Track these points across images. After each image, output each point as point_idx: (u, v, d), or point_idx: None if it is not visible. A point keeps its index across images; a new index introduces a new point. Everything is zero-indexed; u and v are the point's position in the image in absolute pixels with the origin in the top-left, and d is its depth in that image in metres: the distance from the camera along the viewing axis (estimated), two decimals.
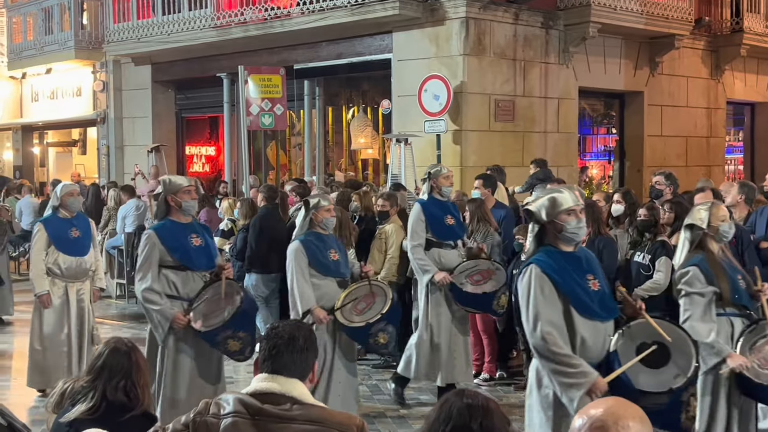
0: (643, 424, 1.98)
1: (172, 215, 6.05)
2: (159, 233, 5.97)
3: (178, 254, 5.93)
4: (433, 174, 7.46)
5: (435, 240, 7.32)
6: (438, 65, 12.28)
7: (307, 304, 6.20)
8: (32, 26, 18.71)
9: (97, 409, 3.61)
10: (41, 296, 7.41)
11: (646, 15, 13.60)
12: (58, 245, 7.47)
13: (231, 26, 14.19)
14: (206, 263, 6.06)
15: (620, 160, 15.30)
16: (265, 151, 16.45)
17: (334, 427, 2.80)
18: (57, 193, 7.70)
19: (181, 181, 6.12)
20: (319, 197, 6.56)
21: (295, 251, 6.31)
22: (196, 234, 6.08)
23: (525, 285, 4.26)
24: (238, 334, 5.78)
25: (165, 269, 5.93)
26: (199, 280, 6.02)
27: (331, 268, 6.36)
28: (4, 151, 22.26)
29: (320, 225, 6.38)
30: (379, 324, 6.19)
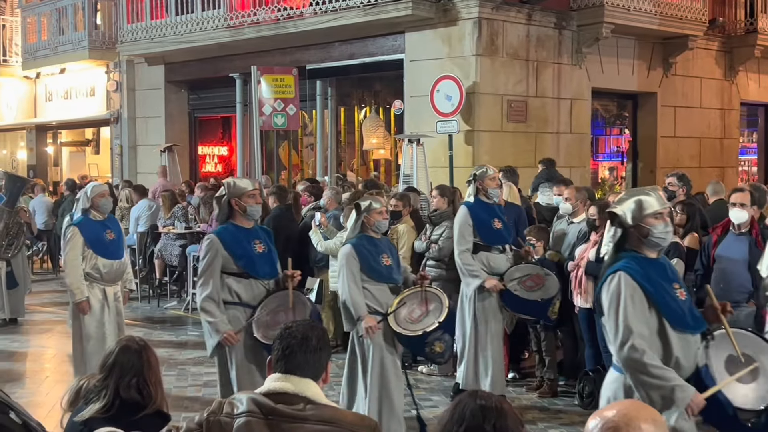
0: (656, 426, 1.98)
1: (235, 219, 5.81)
2: (222, 238, 5.72)
3: (242, 261, 5.70)
4: (479, 175, 7.26)
5: (482, 244, 7.14)
6: (450, 66, 12.27)
7: (357, 311, 6.02)
8: (46, 26, 18.80)
9: (110, 408, 3.62)
10: (80, 303, 7.14)
11: (659, 15, 13.55)
12: (95, 249, 7.20)
13: (244, 26, 14.22)
14: (269, 271, 5.83)
15: (633, 161, 15.25)
16: (278, 151, 16.48)
17: (347, 427, 2.81)
18: (87, 195, 7.38)
19: (246, 184, 5.88)
20: (371, 200, 6.33)
21: (346, 255, 6.09)
22: (259, 240, 5.83)
23: (613, 293, 3.94)
24: None
25: (226, 276, 5.70)
26: (262, 288, 5.79)
27: (384, 274, 6.13)
28: (18, 150, 22.39)
29: (372, 228, 6.18)
30: (435, 332, 5.93)
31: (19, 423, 3.55)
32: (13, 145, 22.83)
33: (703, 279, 6.99)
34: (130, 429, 3.41)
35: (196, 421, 2.88)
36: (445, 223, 8.53)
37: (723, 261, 6.78)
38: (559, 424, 7.01)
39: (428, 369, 8.60)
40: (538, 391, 7.91)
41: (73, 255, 7.16)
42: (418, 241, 8.67)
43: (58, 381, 8.47)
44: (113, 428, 3.28)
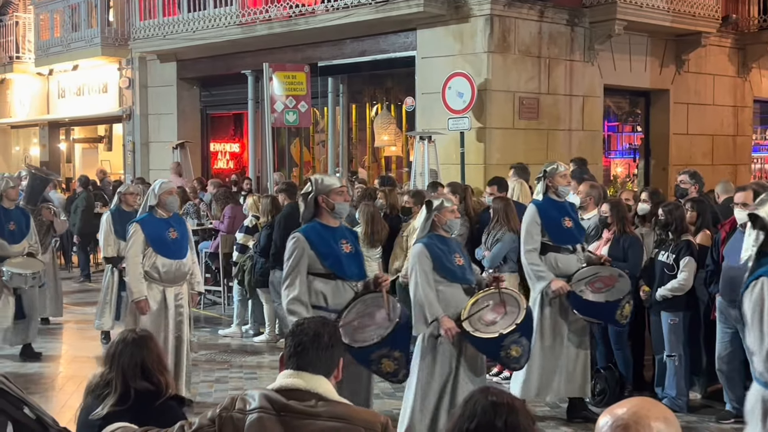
0: (667, 424, 1.97)
1: (322, 218, 5.53)
2: (308, 237, 5.44)
3: (329, 261, 5.43)
4: (549, 172, 6.91)
5: (552, 244, 6.79)
6: (462, 62, 12.25)
7: (433, 313, 5.72)
8: (59, 23, 18.88)
9: (125, 400, 3.62)
10: (139, 302, 6.97)
11: (672, 12, 13.49)
12: (156, 247, 7.03)
13: (256, 23, 14.24)
14: (357, 272, 5.56)
15: (645, 159, 15.19)
16: (289, 148, 16.51)
17: (359, 424, 2.81)
18: (155, 191, 7.16)
19: (334, 181, 5.61)
20: (442, 198, 6.11)
21: (418, 255, 5.83)
22: (346, 240, 5.56)
23: (756, 300, 3.77)
24: (393, 353, 5.27)
25: (312, 277, 5.42)
26: (350, 290, 5.50)
27: (458, 274, 5.86)
28: (32, 146, 22.50)
29: (444, 227, 5.92)
30: (512, 335, 5.62)
31: (33, 418, 3.58)
32: (26, 142, 22.95)
33: (713, 275, 6.98)
34: (150, 417, 3.41)
35: (208, 417, 2.90)
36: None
37: (730, 259, 6.76)
38: (571, 422, 7.00)
39: None
40: None
41: (134, 252, 7.01)
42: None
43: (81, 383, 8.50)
44: (125, 423, 3.30)
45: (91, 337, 10.18)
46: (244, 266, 10.20)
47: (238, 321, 10.51)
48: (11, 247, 8.89)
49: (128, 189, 9.72)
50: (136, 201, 9.46)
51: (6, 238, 8.88)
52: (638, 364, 7.71)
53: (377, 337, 5.20)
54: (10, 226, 8.93)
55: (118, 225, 9.23)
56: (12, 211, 9.04)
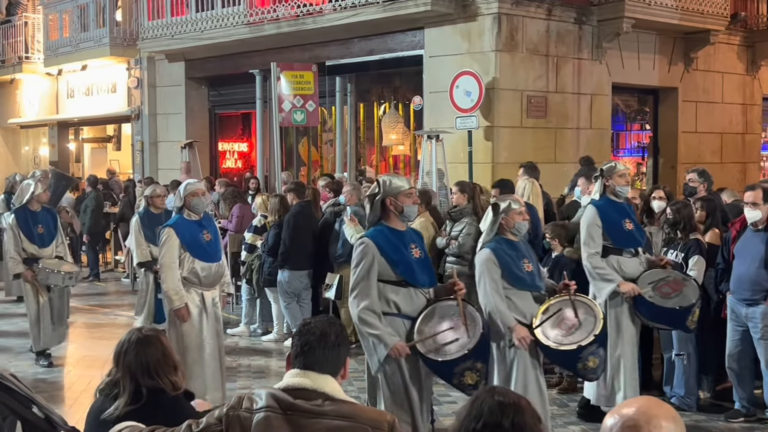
0: (676, 423, 1.97)
1: (389, 221, 5.26)
2: (377, 242, 5.16)
3: (401, 268, 5.15)
4: (607, 171, 6.66)
5: (613, 247, 6.53)
6: (470, 61, 12.24)
7: (506, 322, 5.47)
8: (68, 23, 18.93)
9: (138, 399, 3.62)
10: (178, 310, 6.71)
11: (680, 10, 13.45)
12: (192, 251, 6.76)
13: (263, 23, 14.26)
14: (429, 279, 5.31)
15: (654, 157, 15.15)
16: (297, 148, 16.52)
17: (365, 422, 2.82)
18: (180, 193, 6.93)
19: (402, 183, 5.34)
20: (510, 199, 5.82)
21: (486, 261, 5.56)
22: (415, 244, 5.29)
23: None
24: (476, 365, 5.03)
25: (382, 285, 5.15)
26: (422, 297, 5.24)
27: (527, 281, 5.61)
28: (41, 146, 22.57)
29: (512, 230, 5.66)
30: (591, 347, 5.35)
31: (41, 417, 3.59)
32: (36, 142, 23.03)
33: (723, 274, 6.96)
34: (162, 415, 3.41)
35: (215, 416, 2.91)
36: (465, 219, 8.53)
37: (740, 258, 6.74)
38: (578, 421, 6.99)
39: None
40: (558, 387, 7.90)
41: (169, 258, 6.72)
42: (439, 237, 8.68)
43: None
44: (133, 422, 3.30)
45: (100, 337, 10.21)
46: (253, 265, 10.23)
47: (246, 320, 10.54)
48: (41, 251, 8.78)
49: (155, 191, 9.57)
50: (163, 203, 9.41)
51: (35, 241, 8.75)
52: (647, 362, 7.69)
53: (463, 349, 4.96)
54: (39, 230, 8.78)
55: (147, 229, 9.12)
56: (39, 214, 8.88)
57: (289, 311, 9.64)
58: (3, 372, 3.63)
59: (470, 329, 5.05)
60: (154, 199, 9.39)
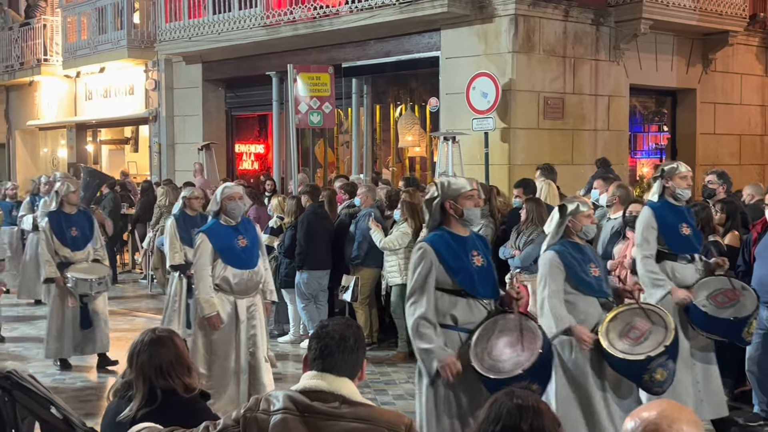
0: (696, 428, 1.96)
1: (450, 225, 4.90)
2: (436, 248, 4.80)
3: (461, 277, 4.79)
4: (668, 172, 6.34)
5: (668, 252, 6.23)
6: (486, 63, 12.22)
7: (563, 324, 5.19)
8: (86, 26, 19.04)
9: (153, 400, 3.62)
10: (210, 318, 6.52)
11: (699, 11, 13.38)
12: (225, 258, 6.57)
13: (280, 25, 14.29)
14: (491, 290, 4.93)
15: (672, 158, 15.06)
16: (313, 149, 16.54)
17: (382, 425, 2.81)
18: (216, 198, 6.72)
19: (463, 184, 4.97)
20: (578, 201, 5.52)
21: (549, 264, 5.31)
22: (477, 251, 4.90)
23: None
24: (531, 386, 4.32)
25: (440, 293, 4.80)
26: (482, 309, 4.86)
27: (594, 286, 5.32)
28: (59, 148, 22.71)
29: (578, 234, 5.41)
30: (660, 358, 5.02)
31: (59, 417, 3.61)
32: (54, 144, 23.17)
33: (744, 276, 6.90)
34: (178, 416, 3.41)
35: (233, 418, 2.91)
36: (482, 221, 8.50)
37: (761, 260, 6.69)
38: None
39: None
40: None
41: (201, 265, 6.56)
42: None
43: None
44: (150, 423, 3.31)
45: (117, 338, 10.22)
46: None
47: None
48: (74, 254, 8.54)
49: (192, 193, 9.41)
50: (200, 205, 9.29)
51: (68, 245, 8.52)
52: None
53: (518, 368, 4.59)
54: (72, 232, 8.57)
55: (183, 231, 8.97)
56: (73, 216, 8.66)
57: (306, 312, 9.65)
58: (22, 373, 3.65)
59: (528, 347, 4.68)
60: (191, 201, 9.27)
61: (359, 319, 9.33)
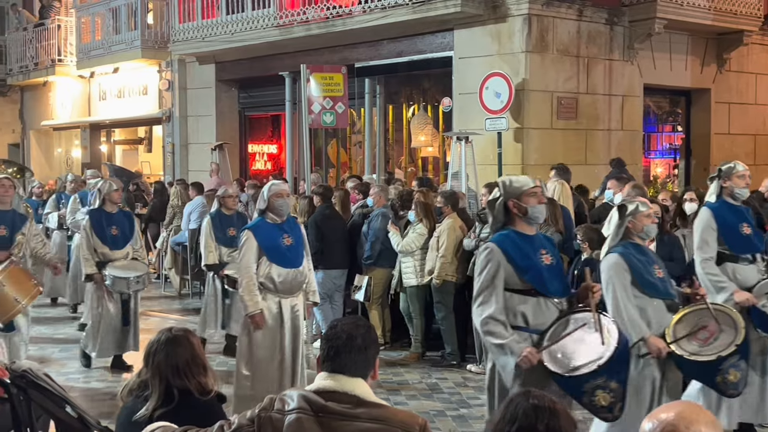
0: (715, 429, 1.94)
1: (515, 225, 4.81)
2: (503, 247, 4.73)
3: (530, 276, 4.70)
4: (725, 172, 6.28)
5: (729, 253, 6.10)
6: (500, 62, 12.19)
7: (640, 332, 5.02)
8: (100, 26, 19.12)
9: (169, 400, 3.62)
10: (253, 316, 6.44)
11: (713, 11, 13.31)
12: (270, 256, 6.50)
13: (293, 25, 14.30)
14: (561, 288, 4.83)
15: (686, 159, 15.01)
16: (326, 149, 16.56)
17: (397, 425, 2.80)
18: (264, 195, 6.65)
19: (525, 181, 4.87)
20: (638, 201, 5.37)
21: (614, 266, 5.15)
22: (545, 249, 4.83)
23: None
24: (610, 384, 4.50)
25: (509, 294, 4.71)
26: (553, 308, 4.75)
27: (659, 288, 5.18)
28: (73, 148, 22.82)
29: (639, 234, 5.26)
30: (732, 358, 4.91)
31: (75, 416, 3.61)
32: (68, 144, 23.28)
33: None
34: (192, 416, 3.42)
35: (247, 417, 2.91)
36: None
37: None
38: None
39: (477, 367, 8.57)
40: None
41: (246, 262, 6.48)
42: (467, 239, 8.65)
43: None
44: (165, 423, 3.32)
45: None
46: None
47: None
48: (113, 253, 8.47)
49: (226, 192, 9.37)
50: (235, 204, 9.26)
51: (108, 244, 8.46)
52: None
53: (592, 364, 4.46)
54: (113, 231, 8.52)
55: (219, 231, 8.98)
56: (114, 215, 8.61)
57: (321, 312, 9.65)
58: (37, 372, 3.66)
59: (604, 343, 4.52)
60: (225, 200, 9.24)
61: (372, 319, 9.33)
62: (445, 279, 8.73)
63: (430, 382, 8.30)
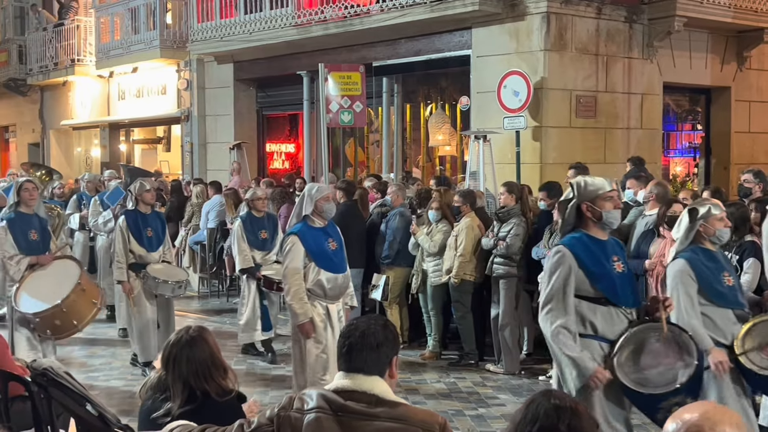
0: (740, 429, 1.92)
1: (587, 229, 4.60)
2: (576, 252, 4.52)
3: (602, 284, 4.50)
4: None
5: None
6: (518, 61, 12.15)
7: (705, 344, 4.78)
8: (119, 26, 19.22)
9: (193, 400, 3.61)
10: (303, 325, 6.28)
11: (733, 8, 13.21)
12: (318, 261, 6.31)
13: (311, 24, 14.32)
14: (633, 298, 4.62)
15: (706, 157, 14.90)
16: (344, 148, 16.56)
17: (417, 425, 2.79)
18: (311, 196, 6.40)
19: (602, 184, 4.64)
20: (710, 204, 5.13)
21: (680, 273, 4.89)
22: (617, 256, 4.60)
23: None
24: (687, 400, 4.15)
25: (578, 301, 4.52)
26: (624, 318, 4.54)
27: (729, 297, 4.94)
28: (93, 148, 22.95)
29: (711, 239, 5.01)
30: None
31: (95, 414, 3.63)
32: (88, 143, 23.42)
33: None
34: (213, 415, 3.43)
35: (267, 416, 2.91)
36: (513, 220, 8.46)
37: None
38: None
39: (495, 367, 8.55)
40: None
41: (294, 268, 6.27)
42: (485, 238, 8.63)
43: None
44: (185, 421, 3.32)
45: None
46: None
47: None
48: (149, 255, 8.34)
49: (255, 194, 9.28)
50: (265, 206, 9.18)
51: (145, 246, 8.31)
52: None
53: (674, 382, 4.29)
54: (148, 233, 8.35)
55: (250, 233, 8.90)
56: (149, 216, 8.45)
57: None
58: (58, 370, 3.68)
59: (681, 358, 4.36)
60: (255, 202, 9.16)
61: (390, 318, 9.32)
62: (463, 278, 8.71)
63: (449, 381, 8.29)
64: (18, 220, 7.69)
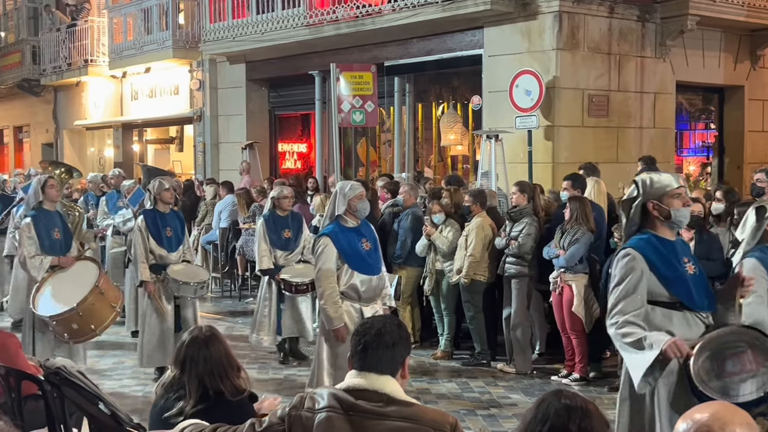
0: (750, 430, 1.91)
1: (655, 229, 4.34)
2: (646, 254, 4.27)
3: (677, 288, 4.26)
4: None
5: None
6: (530, 60, 12.13)
7: None
8: (132, 27, 19.29)
9: (205, 399, 3.62)
10: (338, 330, 6.08)
11: (747, 7, 13.14)
12: (351, 263, 6.12)
13: (323, 24, 14.33)
14: (708, 301, 4.34)
15: (719, 157, 14.84)
16: (356, 148, 16.57)
17: (428, 424, 2.80)
18: (344, 194, 6.21)
19: (669, 182, 4.36)
20: None
21: (752, 272, 4.56)
22: (687, 258, 4.36)
23: None
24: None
25: (651, 306, 4.27)
26: (701, 323, 4.29)
27: None
28: (106, 148, 23.04)
29: None
30: None
31: (107, 413, 3.65)
32: (101, 143, 23.52)
33: None
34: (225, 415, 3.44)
35: (278, 416, 2.92)
36: (525, 219, 8.45)
37: None
38: None
39: (507, 367, 8.54)
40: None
41: (327, 270, 6.07)
42: (498, 238, 8.62)
43: None
44: (197, 420, 3.34)
45: None
46: None
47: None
48: (169, 256, 8.12)
49: (281, 193, 9.10)
50: (290, 205, 9.03)
51: (164, 246, 8.10)
52: None
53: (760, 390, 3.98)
54: (167, 233, 8.15)
55: (273, 233, 8.73)
56: (168, 216, 8.22)
57: None
58: (71, 369, 3.70)
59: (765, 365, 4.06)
60: (280, 201, 8.97)
61: (402, 318, 9.32)
62: (473, 278, 8.71)
63: (460, 381, 8.29)
64: (42, 217, 7.58)
